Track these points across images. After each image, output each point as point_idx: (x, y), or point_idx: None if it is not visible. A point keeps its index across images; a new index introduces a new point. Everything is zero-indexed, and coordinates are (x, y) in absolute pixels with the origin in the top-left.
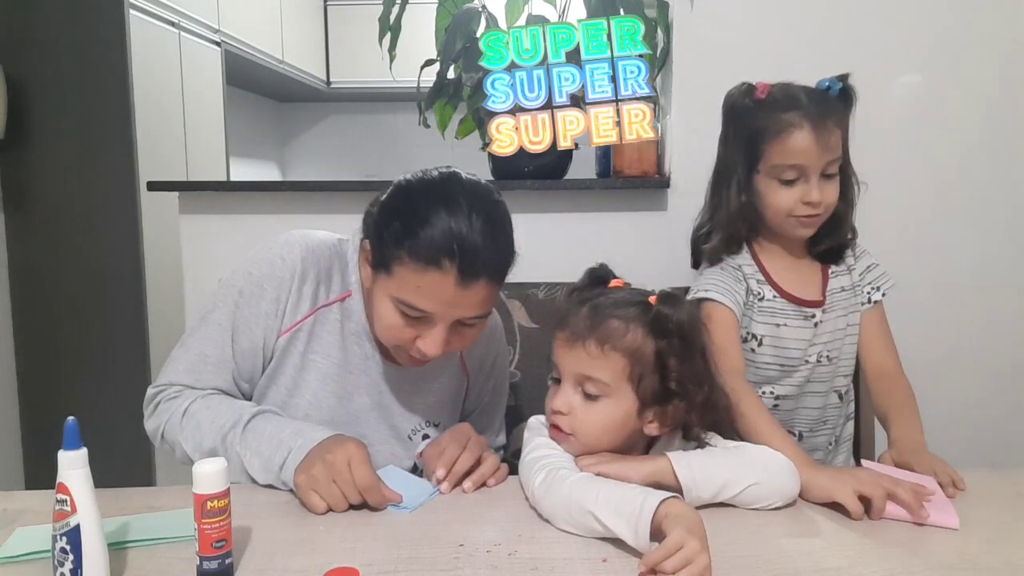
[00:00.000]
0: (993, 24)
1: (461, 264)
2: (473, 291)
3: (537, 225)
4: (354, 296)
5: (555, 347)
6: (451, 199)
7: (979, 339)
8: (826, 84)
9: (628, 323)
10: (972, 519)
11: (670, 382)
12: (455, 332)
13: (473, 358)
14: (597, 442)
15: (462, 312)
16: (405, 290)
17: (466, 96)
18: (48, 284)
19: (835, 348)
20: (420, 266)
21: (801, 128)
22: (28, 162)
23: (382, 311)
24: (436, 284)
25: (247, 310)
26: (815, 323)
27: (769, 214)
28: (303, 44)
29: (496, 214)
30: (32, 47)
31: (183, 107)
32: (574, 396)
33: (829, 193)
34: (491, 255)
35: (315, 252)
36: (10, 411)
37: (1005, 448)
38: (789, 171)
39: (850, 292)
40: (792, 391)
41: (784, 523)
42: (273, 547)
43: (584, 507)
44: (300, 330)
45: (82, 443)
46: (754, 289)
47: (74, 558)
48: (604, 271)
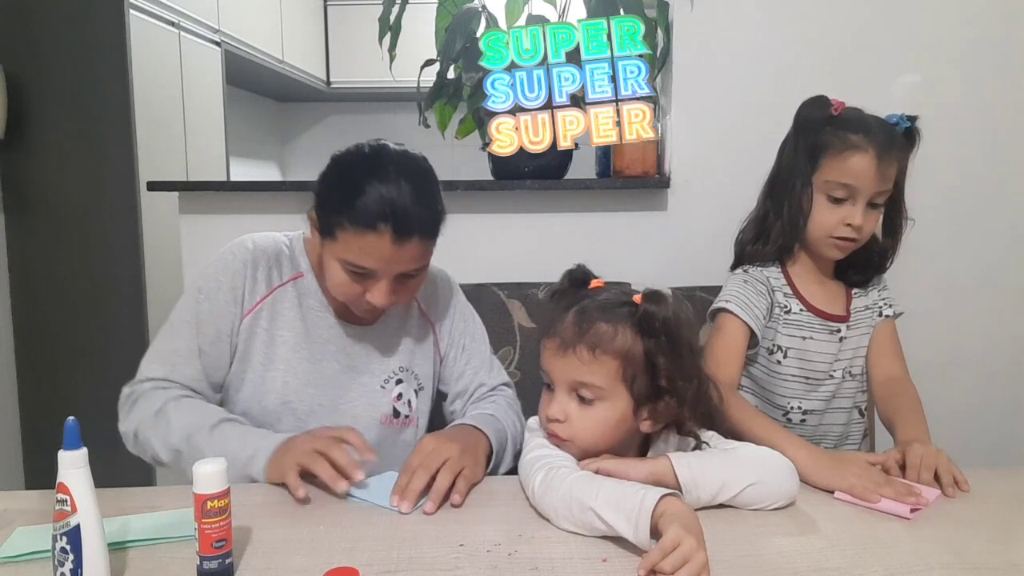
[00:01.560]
0: (993, 24)
1: (395, 226)
2: (408, 248)
3: (537, 225)
4: (306, 276)
5: (545, 356)
6: (381, 168)
7: (980, 340)
8: (895, 119)
9: (616, 325)
10: (972, 519)
11: (660, 380)
12: (399, 284)
13: (430, 306)
14: (595, 445)
15: (401, 267)
16: (349, 252)
17: (466, 96)
18: (48, 284)
19: (857, 364)
20: (359, 231)
21: (865, 152)
22: (28, 162)
23: (331, 272)
24: (374, 245)
25: (207, 304)
26: (840, 338)
27: (811, 228)
28: (303, 44)
29: (423, 178)
30: (32, 47)
31: (183, 107)
32: (569, 403)
33: (870, 221)
34: (421, 215)
35: (261, 245)
36: (10, 411)
37: (1005, 448)
38: (840, 189)
39: (870, 310)
40: (819, 406)
41: (784, 523)
42: (273, 547)
43: (584, 504)
44: (261, 310)
45: (82, 443)
46: (781, 302)
47: (74, 558)
48: (583, 272)
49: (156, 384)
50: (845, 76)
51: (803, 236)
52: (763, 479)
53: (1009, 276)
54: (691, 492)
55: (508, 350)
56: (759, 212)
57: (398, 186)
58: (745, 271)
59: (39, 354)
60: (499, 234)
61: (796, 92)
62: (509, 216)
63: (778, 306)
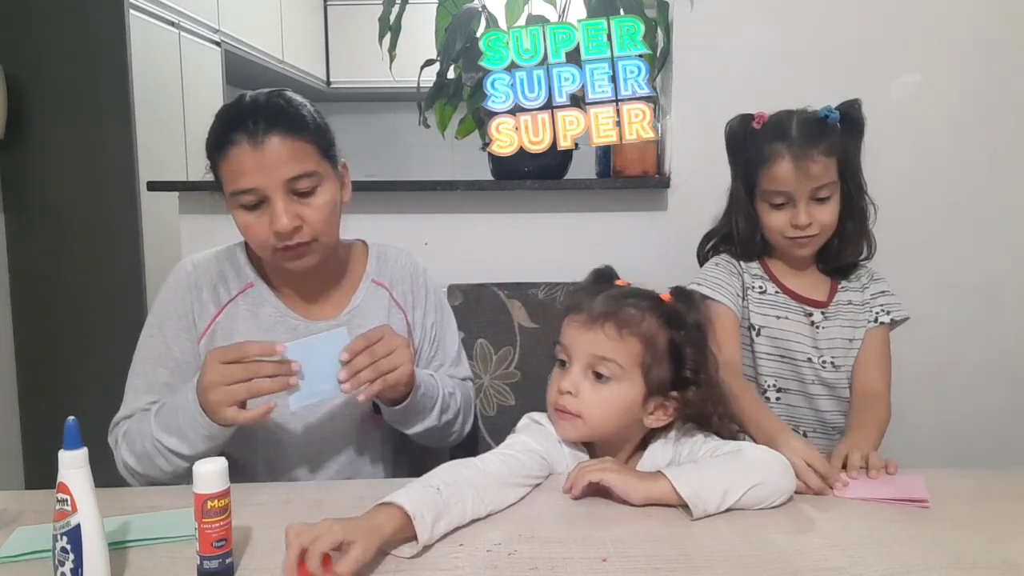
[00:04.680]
0: (993, 24)
1: (246, 128)
2: (271, 148)
3: (537, 225)
4: (255, 285)
5: (567, 330)
6: (235, 99)
7: (980, 341)
8: (824, 113)
9: (644, 312)
10: (972, 519)
11: (685, 370)
12: (300, 206)
13: (400, 292)
14: (603, 425)
15: (279, 173)
16: (229, 183)
17: (466, 96)
18: (48, 284)
19: (841, 357)
20: (222, 153)
21: (783, 157)
22: (28, 162)
23: (238, 223)
24: (239, 157)
25: (160, 336)
26: (812, 322)
27: (767, 233)
28: (303, 44)
29: (276, 91)
30: (32, 47)
31: (183, 107)
32: (583, 379)
33: (820, 214)
34: (273, 110)
35: (200, 266)
36: (10, 411)
37: (1005, 448)
38: (776, 196)
39: (859, 307)
40: (795, 387)
41: (784, 523)
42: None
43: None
44: (215, 330)
45: (82, 443)
46: (756, 285)
47: (74, 557)
48: (609, 271)
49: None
50: (845, 76)
51: (766, 241)
52: (764, 479)
53: (1009, 277)
54: (697, 507)
55: (508, 350)
56: (723, 229)
57: (248, 100)
58: (718, 256)
59: (39, 354)
60: (499, 234)
61: (796, 92)
62: (509, 216)
63: (751, 288)
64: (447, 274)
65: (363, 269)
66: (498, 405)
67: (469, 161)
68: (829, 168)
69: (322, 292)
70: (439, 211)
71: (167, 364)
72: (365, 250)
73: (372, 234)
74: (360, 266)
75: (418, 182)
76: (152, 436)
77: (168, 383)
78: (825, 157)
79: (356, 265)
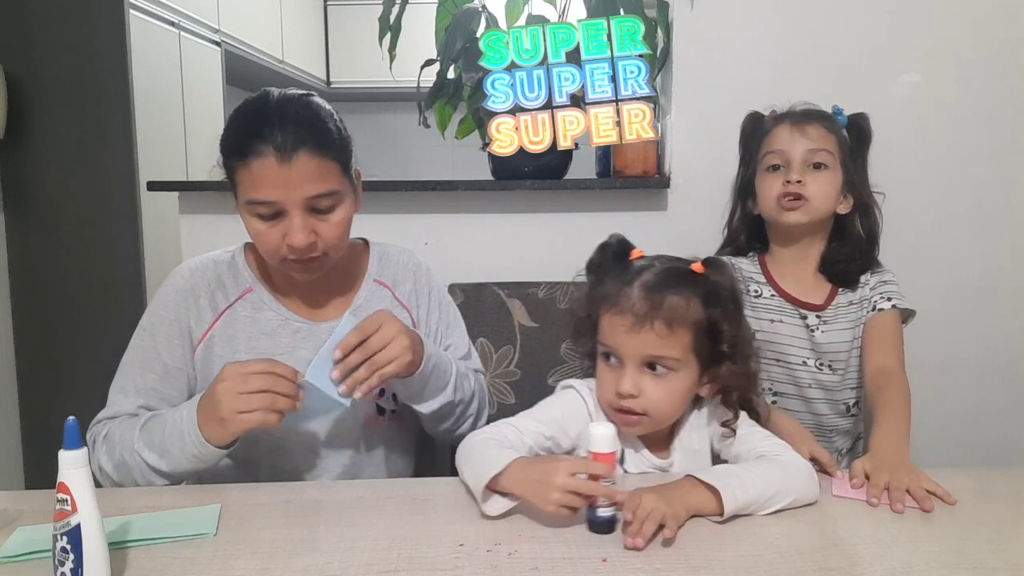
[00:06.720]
0: (993, 24)
1: (273, 140)
2: (298, 165)
3: (537, 225)
4: (255, 290)
5: (611, 331)
6: (259, 98)
7: (980, 340)
8: (834, 111)
9: (687, 298)
10: (972, 519)
11: (723, 345)
12: (317, 221)
13: (403, 291)
14: (670, 415)
15: (302, 191)
16: (247, 191)
17: (466, 96)
18: (48, 284)
19: (840, 359)
20: (244, 160)
21: (783, 123)
22: (28, 162)
23: (249, 228)
24: (262, 170)
25: (151, 340)
26: (807, 326)
27: (761, 202)
28: (303, 44)
29: (304, 98)
30: (32, 47)
31: (183, 107)
32: (642, 377)
33: (814, 180)
34: (302, 126)
35: (198, 271)
36: (10, 411)
37: (1005, 448)
38: (773, 157)
39: (857, 306)
40: (791, 390)
41: (784, 523)
42: (273, 547)
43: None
44: (212, 337)
45: (82, 443)
46: (752, 289)
47: (75, 558)
48: (623, 244)
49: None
50: (845, 76)
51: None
52: (799, 497)
53: (1009, 276)
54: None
55: (508, 349)
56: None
57: (276, 105)
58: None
59: (39, 354)
60: (499, 234)
61: (796, 92)
62: (509, 216)
63: (746, 292)
64: (447, 274)
65: (365, 269)
66: (498, 404)
67: (469, 161)
68: (827, 139)
69: (324, 294)
70: (439, 211)
71: (155, 369)
72: (366, 249)
73: (372, 234)
74: (362, 266)
75: (418, 182)
76: (133, 448)
77: (155, 388)
78: (824, 130)
79: (358, 265)
